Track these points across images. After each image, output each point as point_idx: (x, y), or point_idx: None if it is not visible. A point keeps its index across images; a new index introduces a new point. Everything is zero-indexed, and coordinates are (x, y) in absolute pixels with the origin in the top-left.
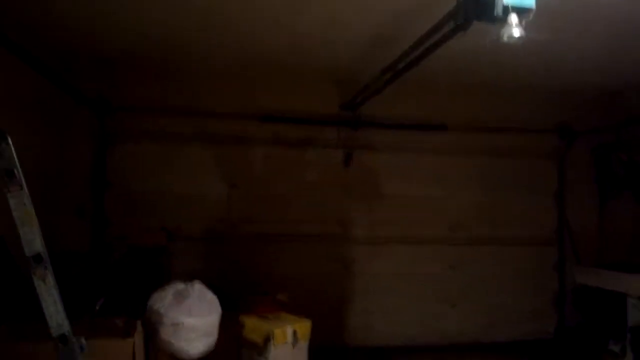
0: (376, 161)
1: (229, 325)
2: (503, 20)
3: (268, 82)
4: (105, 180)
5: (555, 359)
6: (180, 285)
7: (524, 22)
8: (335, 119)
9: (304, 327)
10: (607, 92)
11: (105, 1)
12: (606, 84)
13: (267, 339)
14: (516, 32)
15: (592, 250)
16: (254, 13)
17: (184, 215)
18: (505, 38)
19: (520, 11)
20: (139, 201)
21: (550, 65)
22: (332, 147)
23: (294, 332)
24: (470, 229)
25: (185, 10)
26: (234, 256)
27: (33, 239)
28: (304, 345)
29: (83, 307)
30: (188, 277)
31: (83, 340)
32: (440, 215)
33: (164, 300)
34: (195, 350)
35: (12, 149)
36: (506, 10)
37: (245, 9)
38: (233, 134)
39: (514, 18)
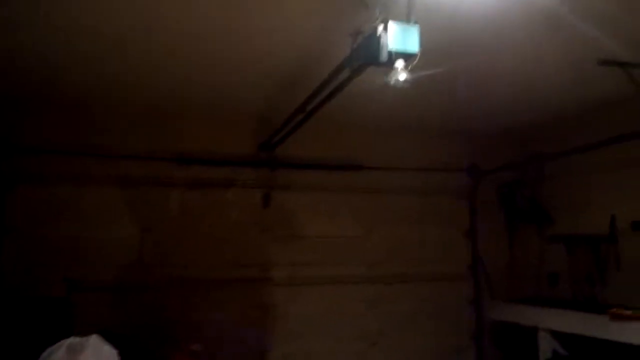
0: (295, 201)
1: None
2: (389, 64)
3: (185, 123)
4: (3, 225)
5: None
6: (75, 340)
7: (409, 67)
8: (253, 159)
9: None
10: (510, 132)
11: (7, 36)
12: (509, 124)
13: None
14: (402, 76)
15: (505, 284)
16: (164, 50)
17: (92, 263)
18: (392, 82)
19: (405, 56)
20: (41, 248)
21: (457, 105)
22: (250, 188)
23: None
24: (388, 267)
25: (93, 43)
26: (147, 304)
27: None
28: None
29: None
30: (95, 330)
31: None
32: (358, 254)
33: (54, 356)
34: None
35: None
36: (390, 55)
37: (155, 47)
38: (148, 175)
39: (399, 63)
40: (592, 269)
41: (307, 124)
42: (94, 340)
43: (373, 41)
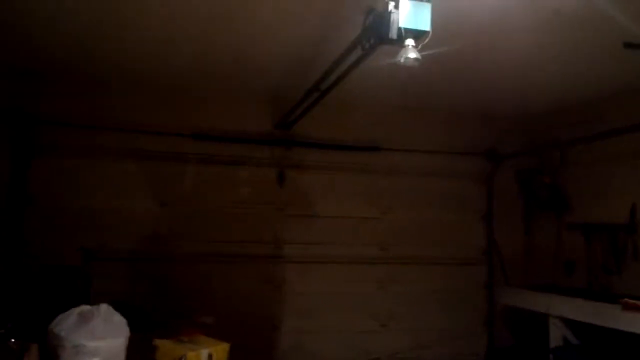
0: (309, 181)
1: (142, 349)
2: (400, 42)
3: (202, 100)
4: (26, 195)
5: None
6: (85, 308)
7: (419, 46)
8: (269, 138)
9: (220, 350)
10: (529, 117)
11: (32, 10)
12: (527, 109)
13: None
14: (412, 54)
15: (520, 270)
16: (183, 24)
17: (110, 234)
18: (402, 60)
19: (416, 34)
20: (62, 218)
21: (476, 87)
22: (266, 166)
23: (209, 355)
24: (401, 249)
25: (111, 15)
26: (162, 276)
27: None
28: None
29: None
30: (110, 299)
31: None
32: (372, 235)
33: (65, 323)
34: None
35: None
36: (401, 33)
37: (173, 21)
38: (165, 151)
39: (410, 41)
40: (608, 258)
41: (324, 103)
42: (104, 308)
43: (384, 18)
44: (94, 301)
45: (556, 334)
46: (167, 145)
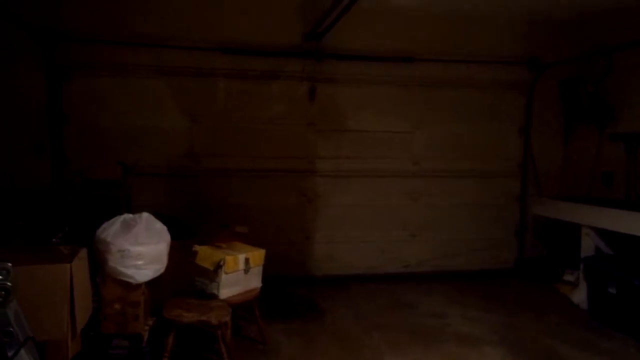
0: (341, 94)
1: (183, 254)
2: None
3: (227, 10)
4: (62, 114)
5: (512, 288)
6: (128, 216)
7: None
8: (299, 50)
9: (257, 255)
10: (574, 23)
11: None
12: (574, 11)
13: (219, 266)
14: None
15: (555, 183)
16: None
17: (144, 150)
18: None
19: None
20: (97, 135)
21: None
22: (297, 80)
23: (246, 260)
24: (434, 162)
25: None
26: (197, 190)
27: None
28: (257, 269)
29: (43, 241)
30: (148, 210)
31: (8, 265)
32: (404, 148)
33: (111, 229)
34: (142, 277)
35: None
36: None
37: None
38: (194, 66)
39: None
40: None
41: (356, 10)
42: (146, 216)
43: None
44: (135, 213)
45: (588, 245)
46: (196, 60)
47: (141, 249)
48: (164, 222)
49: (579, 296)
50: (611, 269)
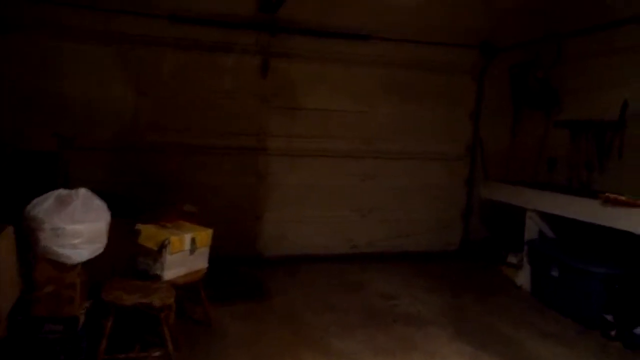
0: (295, 71)
1: (125, 233)
2: None
3: None
4: None
5: (458, 270)
6: (64, 192)
7: None
8: (253, 21)
9: (204, 235)
10: (527, 8)
11: None
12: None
13: (163, 246)
14: None
15: (502, 167)
16: None
17: (86, 122)
18: None
19: None
20: (34, 104)
21: None
22: (250, 54)
23: (192, 240)
24: (386, 144)
25: None
26: (143, 166)
27: None
28: (204, 250)
29: None
30: (88, 186)
31: None
32: (357, 129)
33: (43, 206)
34: (79, 257)
35: None
36: None
37: None
38: (140, 33)
39: None
40: (592, 155)
41: None
42: (84, 192)
43: None
44: (73, 188)
45: (532, 228)
46: (143, 28)
47: (78, 227)
48: (107, 199)
49: (523, 278)
50: (554, 252)
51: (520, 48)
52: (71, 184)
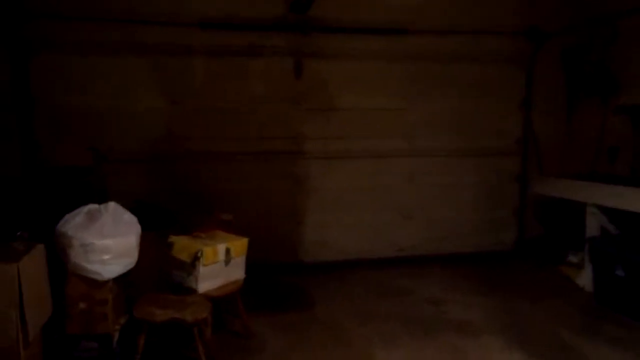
0: (329, 70)
1: (159, 246)
2: None
3: None
4: (30, 97)
5: (513, 271)
6: (93, 207)
7: None
8: (283, 22)
9: (239, 244)
10: None
11: None
12: None
13: (196, 258)
14: None
15: (557, 161)
16: None
17: (120, 134)
18: None
19: None
20: (70, 120)
21: None
22: (281, 55)
23: (227, 250)
24: (429, 140)
25: None
26: (179, 176)
27: None
28: (239, 260)
29: (6, 236)
30: (128, 198)
31: None
32: (397, 126)
33: (72, 222)
34: (109, 273)
35: None
36: None
37: None
38: (169, 42)
39: None
40: None
41: None
42: (113, 206)
43: None
44: (113, 201)
45: (593, 224)
46: (172, 37)
47: (107, 242)
48: (145, 211)
49: (584, 279)
50: (619, 250)
51: (571, 32)
52: (111, 196)
